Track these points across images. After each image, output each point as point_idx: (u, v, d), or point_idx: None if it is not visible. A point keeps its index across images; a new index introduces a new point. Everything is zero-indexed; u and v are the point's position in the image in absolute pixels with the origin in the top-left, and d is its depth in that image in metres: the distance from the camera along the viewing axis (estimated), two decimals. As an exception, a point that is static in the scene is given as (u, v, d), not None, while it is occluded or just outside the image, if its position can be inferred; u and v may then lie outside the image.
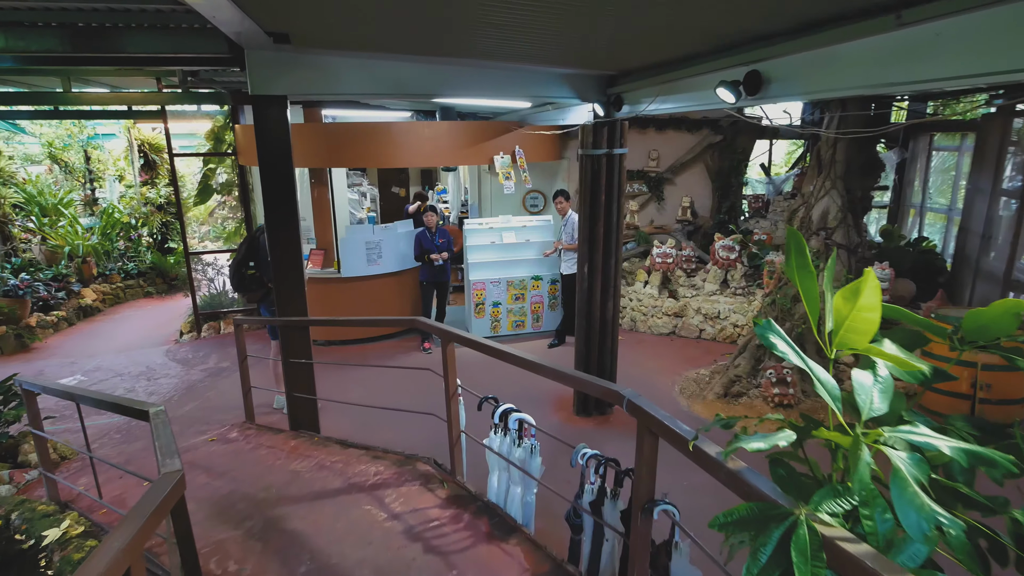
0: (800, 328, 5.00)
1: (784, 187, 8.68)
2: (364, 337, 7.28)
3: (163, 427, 2.11)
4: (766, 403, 5.04)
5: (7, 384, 4.50)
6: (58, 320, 8.62)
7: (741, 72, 2.65)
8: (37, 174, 11.72)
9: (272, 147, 4.00)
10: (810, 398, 4.98)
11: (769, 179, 9.02)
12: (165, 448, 1.98)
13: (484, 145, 6.79)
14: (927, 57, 1.91)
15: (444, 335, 3.18)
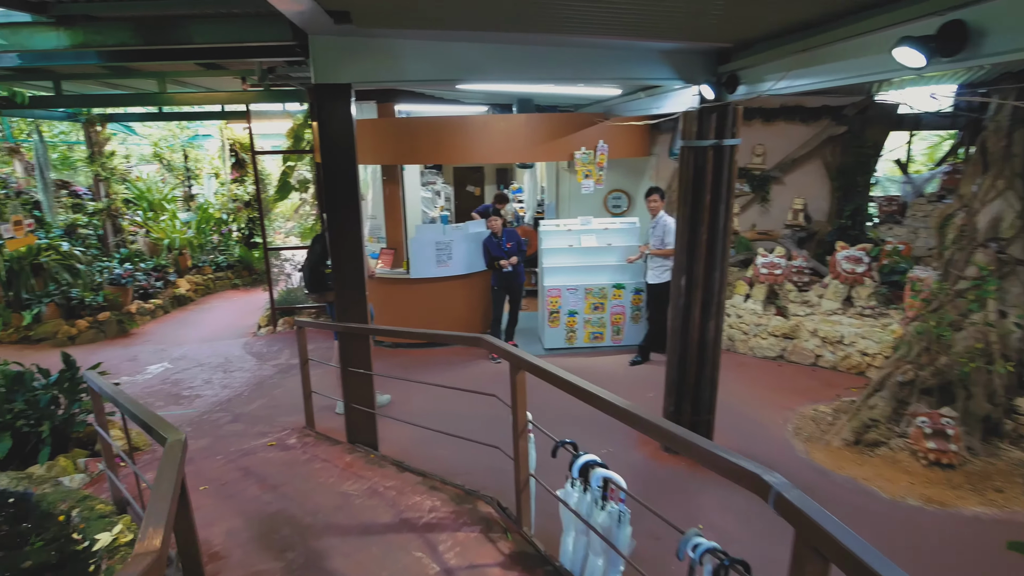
0: (966, 367, 4.01)
1: (927, 187, 7.39)
2: (434, 342, 6.99)
3: (171, 460, 1.78)
4: (916, 459, 4.09)
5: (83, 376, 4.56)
6: (155, 308, 9.10)
7: (934, 24, 1.93)
8: (148, 172, 12.65)
9: (335, 140, 3.71)
10: (979, 457, 3.99)
11: (907, 178, 7.75)
12: (163, 491, 1.63)
13: (564, 140, 6.25)
14: None
15: (514, 360, 2.69)
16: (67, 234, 9.01)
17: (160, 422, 2.15)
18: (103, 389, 3.01)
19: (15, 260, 7.45)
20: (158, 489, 1.62)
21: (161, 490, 1.62)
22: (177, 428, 2.12)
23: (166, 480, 1.66)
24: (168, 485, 1.63)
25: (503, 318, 6.82)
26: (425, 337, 3.30)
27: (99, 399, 3.68)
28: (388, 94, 7.45)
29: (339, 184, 3.80)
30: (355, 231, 3.87)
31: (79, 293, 7.97)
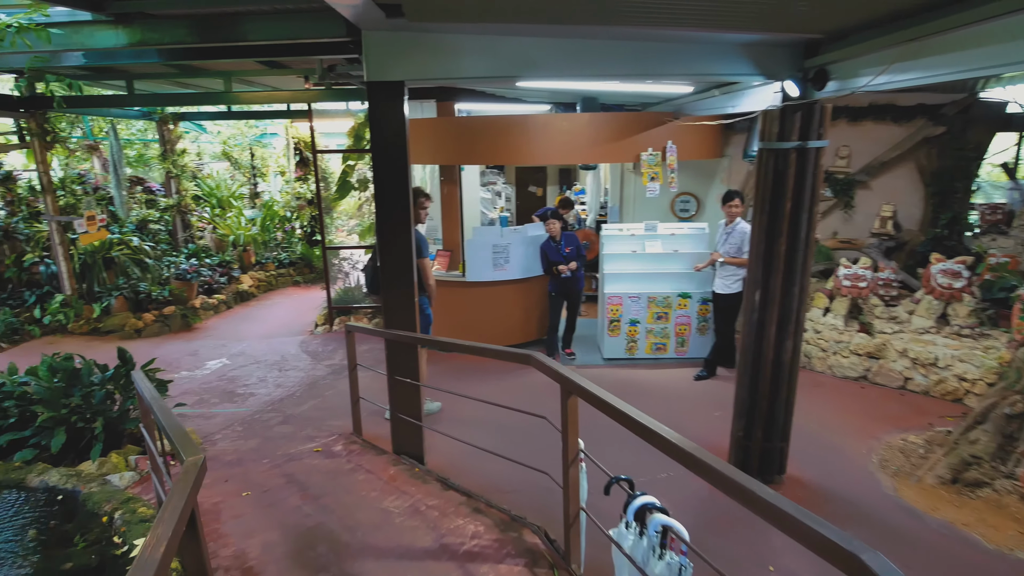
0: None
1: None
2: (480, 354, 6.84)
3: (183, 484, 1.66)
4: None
5: (143, 371, 4.67)
6: (218, 303, 9.42)
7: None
8: (217, 170, 13.23)
9: (387, 139, 3.59)
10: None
11: (1015, 183, 6.92)
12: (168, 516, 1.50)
13: (630, 140, 5.92)
14: None
15: (565, 383, 2.45)
16: (138, 229, 9.48)
17: (183, 438, 2.06)
18: (142, 392, 3.00)
19: (88, 254, 7.87)
20: (163, 514, 1.50)
21: (166, 515, 1.49)
22: (198, 447, 2.00)
23: (172, 506, 1.53)
24: (175, 511, 1.50)
25: (560, 325, 6.59)
26: (472, 351, 3.10)
27: (143, 400, 3.72)
28: (448, 93, 7.35)
29: (390, 185, 3.68)
30: (405, 234, 3.74)
31: (147, 287, 8.35)
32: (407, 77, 3.49)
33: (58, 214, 7.61)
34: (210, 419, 5.44)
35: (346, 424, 4.88)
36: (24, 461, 3.66)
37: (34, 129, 7.24)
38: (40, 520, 3.26)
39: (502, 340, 6.91)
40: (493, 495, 3.62)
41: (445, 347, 3.40)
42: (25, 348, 7.41)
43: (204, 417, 5.48)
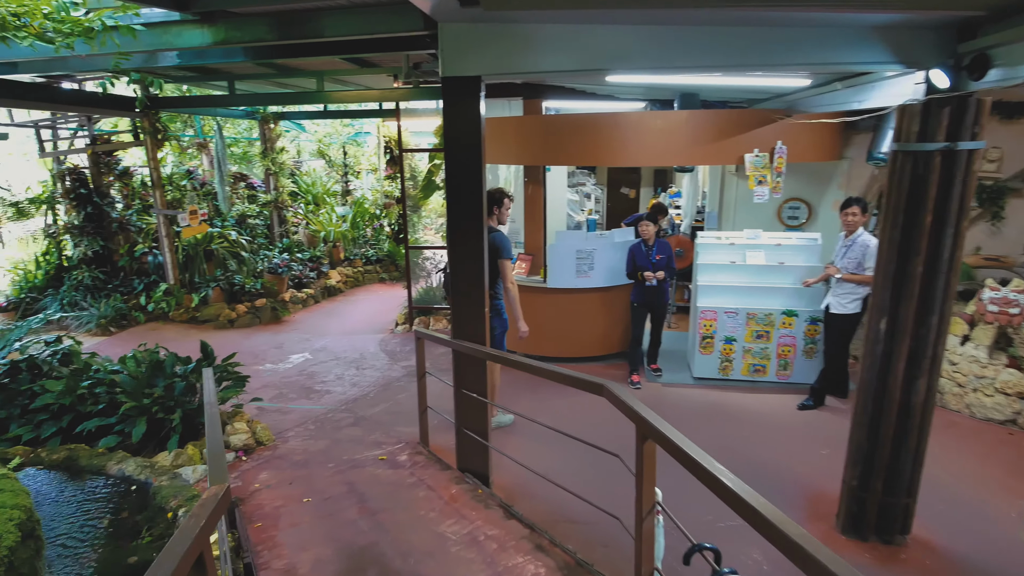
0: None
1: None
2: (565, 356, 6.60)
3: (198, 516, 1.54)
4: None
5: (223, 365, 4.87)
6: (306, 297, 9.85)
7: None
8: (313, 168, 13.93)
9: (461, 137, 3.44)
10: None
11: None
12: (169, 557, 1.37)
13: (733, 140, 5.40)
14: None
15: (641, 425, 2.14)
16: (238, 224, 10.12)
17: (218, 460, 1.97)
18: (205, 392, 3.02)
19: (191, 246, 8.48)
20: (163, 557, 1.37)
21: (168, 558, 1.36)
22: (226, 471, 1.89)
23: (180, 542, 1.40)
24: (173, 556, 1.37)
25: (644, 338, 6.17)
26: (541, 373, 2.86)
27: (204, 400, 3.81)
28: (535, 90, 7.16)
29: (463, 186, 3.52)
30: (476, 239, 3.57)
31: (241, 279, 8.87)
32: (484, 72, 3.30)
33: (165, 208, 8.26)
34: (286, 415, 5.60)
35: (414, 431, 4.82)
36: (108, 448, 3.88)
37: (147, 128, 7.88)
38: (114, 509, 3.41)
39: (583, 351, 6.63)
40: (559, 526, 3.37)
41: (513, 364, 3.17)
42: (131, 333, 8.11)
43: (281, 412, 5.65)
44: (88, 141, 8.75)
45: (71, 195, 8.46)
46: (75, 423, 4.09)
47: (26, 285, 8.62)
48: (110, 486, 3.50)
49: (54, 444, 3.91)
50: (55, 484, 3.60)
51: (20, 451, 3.67)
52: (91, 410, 4.09)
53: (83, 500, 3.49)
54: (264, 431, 4.89)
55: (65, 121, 8.93)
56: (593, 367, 6.53)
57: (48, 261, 8.85)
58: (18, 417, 4.10)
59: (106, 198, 8.71)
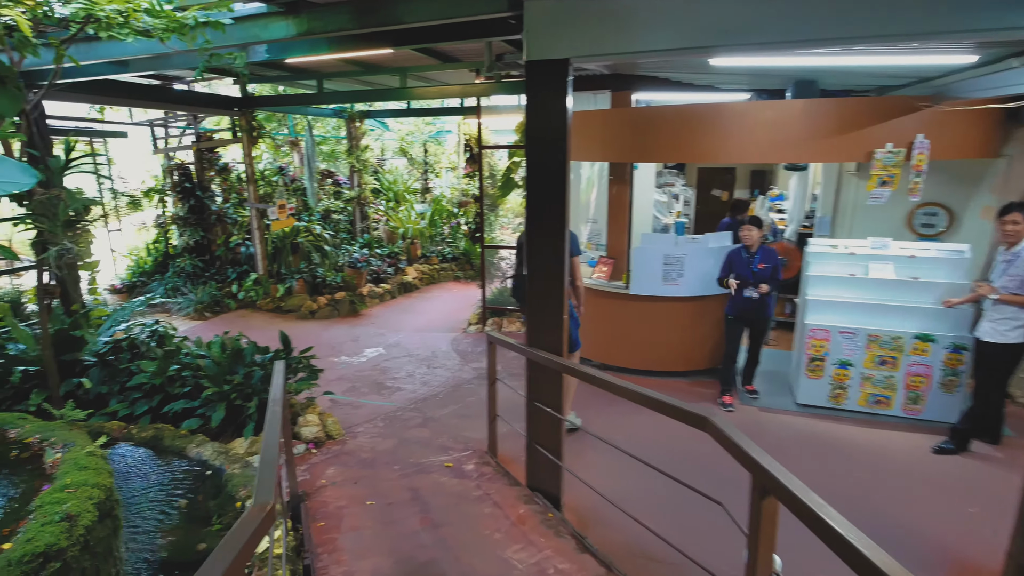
0: None
1: None
2: (646, 368, 6.19)
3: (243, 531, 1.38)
4: None
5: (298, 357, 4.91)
6: (383, 292, 10.01)
7: None
8: (396, 166, 14.26)
9: (543, 129, 3.17)
10: None
11: None
12: None
13: (861, 133, 4.73)
14: None
15: (758, 474, 1.75)
16: (323, 218, 10.47)
17: (268, 472, 1.82)
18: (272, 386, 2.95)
19: (279, 239, 8.83)
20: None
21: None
22: (274, 487, 1.73)
23: (214, 567, 1.23)
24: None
25: (739, 355, 5.62)
26: (631, 396, 2.55)
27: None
28: (625, 81, 6.78)
29: (544, 183, 3.26)
30: (557, 240, 3.29)
31: (323, 272, 9.14)
32: (572, 54, 3.02)
33: (257, 202, 8.65)
34: (357, 409, 5.60)
35: (482, 438, 4.63)
36: (190, 430, 3.98)
37: (243, 126, 8.29)
38: (190, 492, 3.46)
39: (667, 364, 6.18)
40: (637, 562, 3.03)
41: (594, 382, 2.87)
42: (222, 319, 8.56)
43: (352, 406, 5.67)
44: (193, 139, 9.38)
45: (177, 188, 9.10)
46: (164, 403, 4.28)
47: (137, 270, 9.37)
48: (188, 469, 3.57)
49: (144, 422, 4.09)
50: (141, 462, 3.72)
51: (115, 426, 3.85)
52: (178, 392, 4.25)
53: (164, 480, 3.58)
54: (335, 425, 4.88)
55: (175, 120, 9.64)
56: (677, 383, 6.07)
57: (157, 249, 9.58)
58: (117, 393, 4.34)
59: (207, 192, 9.29)
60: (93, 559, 2.33)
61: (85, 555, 2.26)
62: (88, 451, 2.63)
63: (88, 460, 2.57)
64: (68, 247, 3.70)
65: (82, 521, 2.29)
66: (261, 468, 1.85)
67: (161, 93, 7.48)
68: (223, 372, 4.29)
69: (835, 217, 6.68)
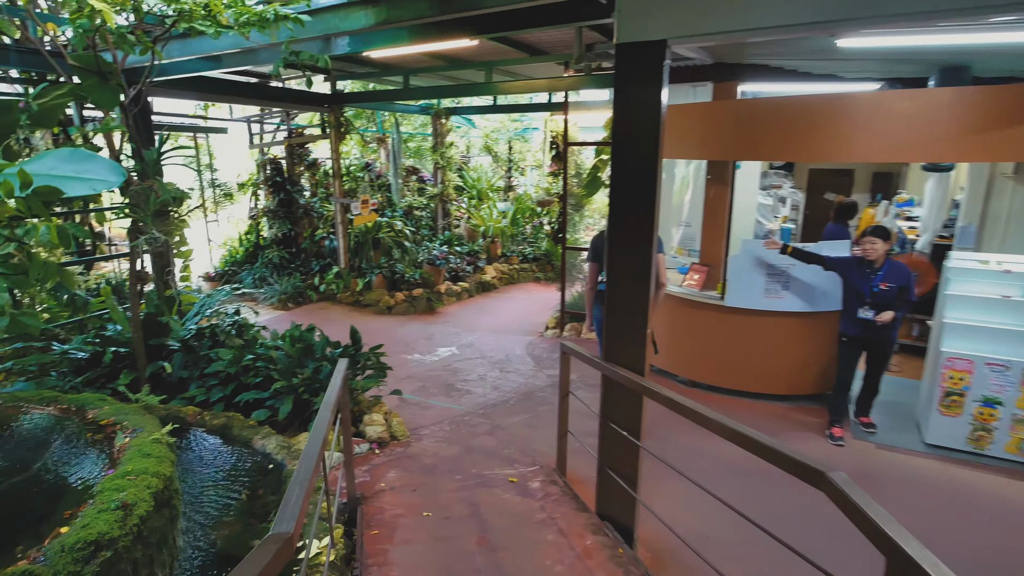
0: None
1: None
2: (740, 389, 5.72)
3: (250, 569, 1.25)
4: None
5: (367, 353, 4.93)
6: (461, 291, 10.03)
7: None
8: (481, 163, 14.33)
9: (632, 122, 2.91)
10: None
11: None
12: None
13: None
14: None
15: (897, 559, 1.40)
16: (405, 215, 10.68)
17: (295, 497, 1.69)
18: (332, 384, 2.90)
19: (361, 233, 9.08)
20: None
21: None
22: (296, 516, 1.58)
23: None
24: None
25: (853, 382, 5.01)
26: (729, 434, 2.25)
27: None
28: (730, 70, 6.29)
29: (631, 182, 2.99)
30: (643, 247, 3.01)
31: (402, 268, 9.29)
32: (670, 35, 2.73)
33: (342, 196, 8.94)
34: (425, 410, 5.57)
35: (551, 453, 4.40)
36: (258, 421, 4.08)
37: (331, 121, 8.59)
38: (251, 485, 3.51)
39: (764, 386, 5.66)
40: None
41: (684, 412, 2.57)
42: (304, 309, 8.92)
43: (420, 407, 5.64)
44: (286, 135, 9.89)
45: (269, 182, 9.62)
46: (237, 392, 4.42)
47: (230, 259, 10.02)
48: (252, 460, 3.64)
49: (218, 409, 4.25)
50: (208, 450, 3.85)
51: (190, 412, 4.02)
52: (251, 382, 4.38)
53: (228, 471, 3.66)
54: (400, 426, 4.85)
55: (270, 117, 10.21)
56: (776, 408, 5.53)
57: (248, 240, 10.19)
58: (197, 379, 4.55)
59: (296, 186, 9.76)
60: (146, 549, 2.36)
61: (137, 545, 2.28)
62: (154, 438, 2.69)
63: (152, 448, 2.63)
64: (156, 236, 3.90)
65: (137, 510, 2.31)
66: (290, 488, 1.73)
67: (255, 90, 7.89)
68: (293, 365, 4.37)
69: (983, 227, 5.81)
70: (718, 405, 5.60)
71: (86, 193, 2.47)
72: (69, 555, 2.03)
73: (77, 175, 2.46)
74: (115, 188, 2.43)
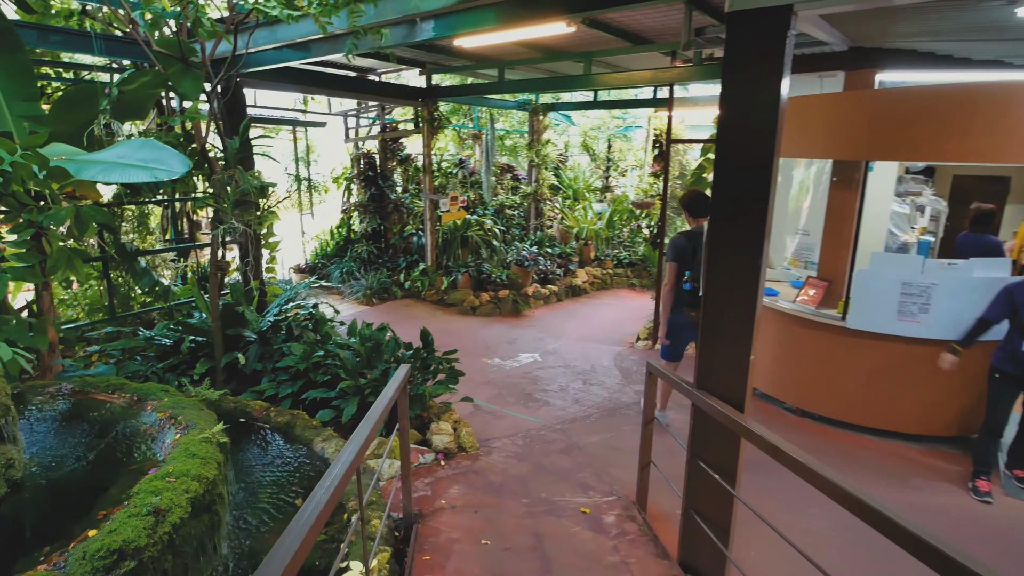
0: None
1: None
2: (862, 424, 4.97)
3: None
4: None
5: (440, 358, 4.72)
6: (549, 294, 9.70)
7: None
8: (578, 162, 13.90)
9: (744, 109, 2.42)
10: None
11: None
12: None
13: None
14: None
15: None
16: (496, 213, 10.49)
17: (297, 534, 1.42)
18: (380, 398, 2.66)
19: (450, 231, 8.98)
20: None
21: None
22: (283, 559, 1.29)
23: None
24: None
25: (1007, 426, 4.15)
26: (843, 498, 1.75)
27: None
28: (867, 56, 5.46)
29: (739, 181, 2.50)
30: (751, 259, 2.51)
31: (489, 268, 9.10)
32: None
33: (432, 193, 8.90)
34: (499, 420, 5.29)
35: (632, 481, 3.94)
36: (322, 422, 3.96)
37: (424, 116, 8.55)
38: (305, 492, 3.37)
39: (892, 423, 4.90)
40: None
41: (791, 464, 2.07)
42: (388, 306, 8.97)
43: (494, 416, 5.37)
44: (380, 129, 10.02)
45: (361, 177, 9.79)
46: (305, 388, 4.34)
47: (321, 253, 10.34)
48: (310, 464, 3.51)
49: (285, 405, 4.19)
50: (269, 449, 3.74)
51: (257, 407, 3.98)
52: (319, 379, 4.29)
53: (285, 473, 3.55)
54: (469, 436, 4.58)
55: (366, 111, 10.40)
56: (905, 449, 4.73)
57: (340, 233, 10.46)
58: (270, 372, 4.54)
59: (387, 181, 9.87)
60: (179, 559, 2.22)
61: (167, 555, 2.15)
62: (203, 437, 2.57)
63: (199, 447, 2.51)
64: (235, 225, 3.90)
65: (171, 517, 2.18)
66: (292, 525, 1.47)
67: (350, 83, 7.95)
68: (361, 365, 4.24)
69: None
70: (833, 442, 4.88)
71: (146, 180, 2.41)
72: (89, 563, 1.91)
73: (143, 164, 2.44)
74: (177, 176, 2.37)
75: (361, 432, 2.13)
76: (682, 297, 4.76)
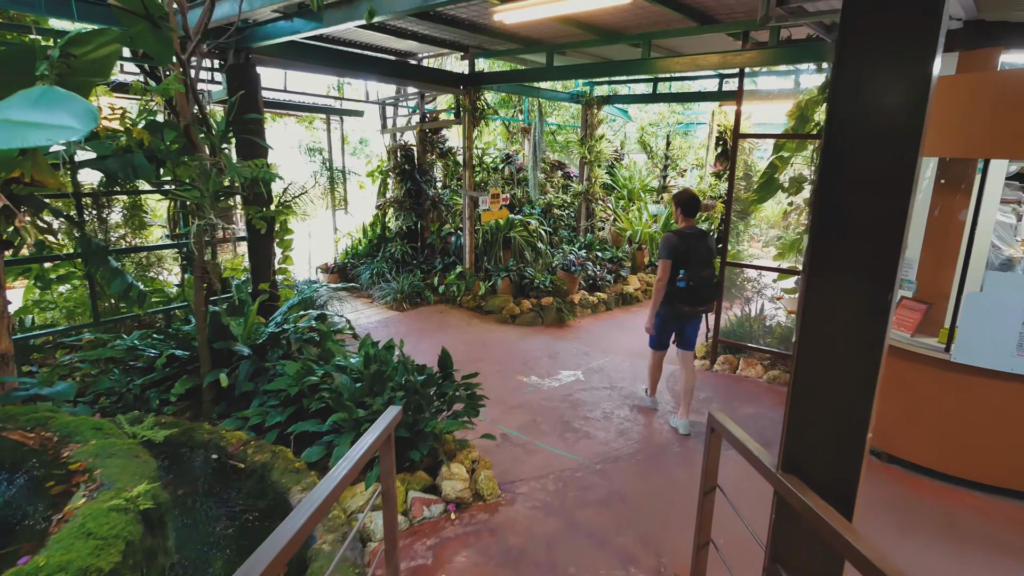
0: None
1: None
2: (977, 481, 4.04)
3: None
4: None
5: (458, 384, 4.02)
6: (597, 303, 8.86)
7: None
8: (635, 160, 12.94)
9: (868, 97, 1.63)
10: None
11: None
12: None
13: None
14: None
15: None
16: (543, 213, 9.70)
17: None
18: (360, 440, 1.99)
19: (492, 231, 8.26)
20: None
21: None
22: None
23: None
24: None
25: None
26: None
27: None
28: (988, 33, 4.44)
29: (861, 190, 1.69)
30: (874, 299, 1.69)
31: (532, 273, 8.33)
32: None
33: (473, 189, 8.21)
34: (530, 454, 4.56)
35: (685, 552, 3.15)
36: (307, 463, 3.31)
37: (466, 105, 7.86)
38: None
39: (1008, 479, 4.02)
40: None
41: None
42: (419, 312, 8.34)
43: (524, 449, 4.64)
44: (419, 120, 9.37)
45: (398, 170, 9.16)
46: (295, 419, 3.69)
47: (352, 252, 9.74)
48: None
49: (270, 438, 3.53)
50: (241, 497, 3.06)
51: (234, 440, 3.35)
52: (312, 407, 3.64)
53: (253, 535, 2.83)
54: (488, 481, 3.84)
55: (405, 99, 9.76)
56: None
57: (373, 231, 9.85)
58: (260, 394, 3.89)
59: (425, 175, 9.21)
60: None
61: None
62: (113, 505, 1.97)
63: (102, 522, 1.89)
64: (214, 222, 3.33)
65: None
66: None
67: (385, 66, 7.19)
68: (361, 393, 3.57)
69: None
70: (929, 498, 3.94)
71: (43, 144, 1.78)
72: None
73: (41, 121, 1.76)
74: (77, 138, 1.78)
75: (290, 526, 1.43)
76: (676, 293, 4.75)
